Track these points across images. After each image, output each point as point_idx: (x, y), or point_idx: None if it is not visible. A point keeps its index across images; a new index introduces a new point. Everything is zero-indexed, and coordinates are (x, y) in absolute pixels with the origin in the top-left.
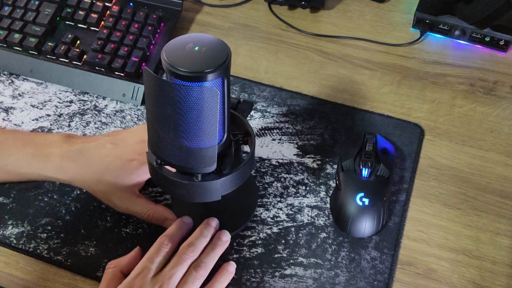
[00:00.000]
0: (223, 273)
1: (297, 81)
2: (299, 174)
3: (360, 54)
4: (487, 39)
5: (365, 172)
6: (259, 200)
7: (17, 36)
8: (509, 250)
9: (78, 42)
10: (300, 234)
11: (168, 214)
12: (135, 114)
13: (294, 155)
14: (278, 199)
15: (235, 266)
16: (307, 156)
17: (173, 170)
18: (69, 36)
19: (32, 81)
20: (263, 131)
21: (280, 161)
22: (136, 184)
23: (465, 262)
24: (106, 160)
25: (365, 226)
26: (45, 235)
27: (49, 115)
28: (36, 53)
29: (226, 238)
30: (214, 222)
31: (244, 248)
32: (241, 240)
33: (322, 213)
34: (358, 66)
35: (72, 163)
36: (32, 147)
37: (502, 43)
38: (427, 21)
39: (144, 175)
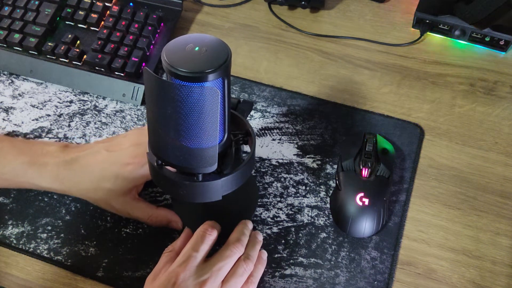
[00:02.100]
0: (260, 260)
1: (297, 81)
2: (299, 174)
3: (360, 54)
4: (487, 39)
5: (365, 172)
6: (259, 200)
7: (17, 36)
8: (509, 250)
9: (78, 42)
10: (300, 234)
11: (171, 216)
12: (135, 114)
13: (294, 155)
14: (278, 199)
15: (266, 254)
16: (307, 156)
17: (174, 170)
18: (69, 36)
19: (32, 81)
20: (263, 131)
21: (280, 161)
22: (134, 188)
23: (465, 262)
24: (102, 167)
25: (365, 226)
26: (45, 235)
27: (49, 115)
28: (36, 53)
29: (261, 237)
30: (250, 224)
31: None
32: None
33: (322, 213)
34: (358, 66)
35: (68, 172)
36: (28, 156)
37: (502, 43)
38: (427, 21)
39: (141, 178)
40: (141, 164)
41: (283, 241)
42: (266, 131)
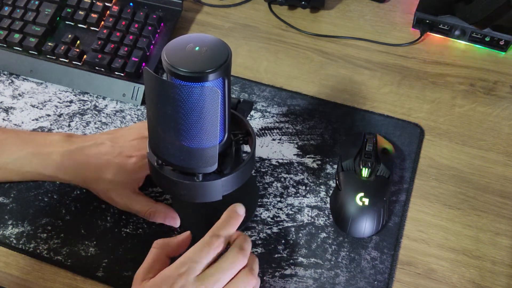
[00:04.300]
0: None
1: (297, 81)
2: (299, 174)
3: (360, 54)
4: (487, 39)
5: (365, 172)
6: (259, 200)
7: (17, 36)
8: (509, 250)
9: (78, 42)
10: (300, 234)
11: (169, 212)
12: (135, 114)
13: (294, 155)
14: (278, 199)
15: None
16: (307, 156)
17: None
18: (69, 36)
19: (32, 81)
20: (263, 131)
21: (280, 161)
22: (136, 181)
23: (465, 262)
24: (105, 158)
25: (365, 226)
26: (45, 235)
27: (49, 115)
28: (36, 53)
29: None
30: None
31: None
32: None
33: (322, 213)
34: (358, 66)
35: (72, 162)
36: (33, 146)
37: (502, 43)
38: (427, 21)
39: (143, 171)
40: (144, 157)
41: (283, 241)
42: (266, 131)
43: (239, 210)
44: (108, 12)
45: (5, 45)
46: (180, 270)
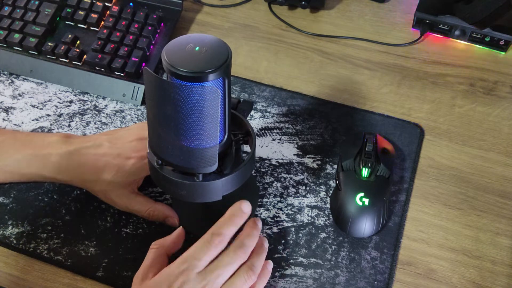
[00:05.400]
0: (264, 271)
1: (297, 81)
2: (299, 174)
3: (360, 54)
4: (487, 39)
5: (365, 172)
6: (259, 200)
7: (17, 36)
8: (509, 250)
9: (78, 42)
10: (300, 234)
11: (168, 211)
12: (135, 114)
13: (294, 155)
14: (278, 199)
15: (272, 264)
16: (307, 156)
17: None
18: (69, 36)
19: (32, 81)
20: (263, 131)
21: (280, 161)
22: (134, 182)
23: (465, 262)
24: (104, 159)
25: (365, 226)
26: (45, 235)
27: (49, 115)
28: (36, 53)
29: (267, 244)
30: (260, 223)
31: None
32: None
33: (322, 213)
34: (358, 66)
35: (71, 163)
36: (31, 147)
37: (502, 43)
38: (427, 21)
39: (141, 172)
40: (142, 158)
41: (283, 241)
42: (266, 131)
43: (244, 207)
44: (108, 12)
45: (5, 45)
46: (181, 268)
